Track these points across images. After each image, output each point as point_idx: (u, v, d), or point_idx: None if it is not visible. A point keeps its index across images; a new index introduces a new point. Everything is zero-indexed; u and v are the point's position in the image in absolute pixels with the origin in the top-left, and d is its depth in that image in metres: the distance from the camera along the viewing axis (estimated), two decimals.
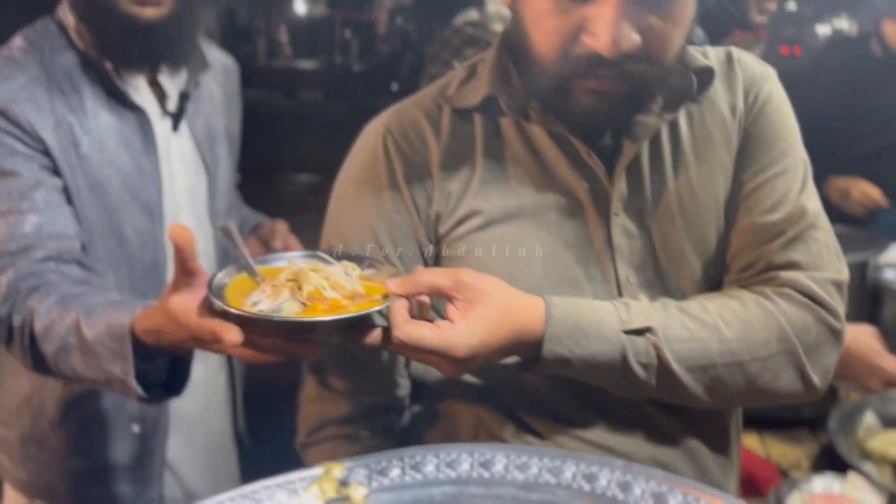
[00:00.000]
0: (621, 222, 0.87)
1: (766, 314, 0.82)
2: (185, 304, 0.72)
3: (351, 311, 0.71)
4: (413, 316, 0.75)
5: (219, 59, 1.26)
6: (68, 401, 1.07)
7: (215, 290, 0.71)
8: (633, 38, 0.72)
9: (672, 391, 0.82)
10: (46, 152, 0.98)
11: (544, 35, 0.77)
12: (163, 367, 0.88)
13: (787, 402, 0.90)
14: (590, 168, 0.86)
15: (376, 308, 0.72)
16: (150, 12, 0.96)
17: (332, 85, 15.71)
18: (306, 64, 16.92)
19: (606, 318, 0.80)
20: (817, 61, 3.03)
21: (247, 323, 0.69)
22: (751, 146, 0.90)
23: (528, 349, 0.79)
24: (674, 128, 0.88)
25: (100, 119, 1.02)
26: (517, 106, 0.86)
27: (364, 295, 0.74)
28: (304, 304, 0.71)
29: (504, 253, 0.86)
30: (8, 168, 0.95)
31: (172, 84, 1.11)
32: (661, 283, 0.89)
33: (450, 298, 0.77)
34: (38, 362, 0.91)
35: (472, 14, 1.73)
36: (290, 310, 0.69)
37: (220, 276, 0.74)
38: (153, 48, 1.02)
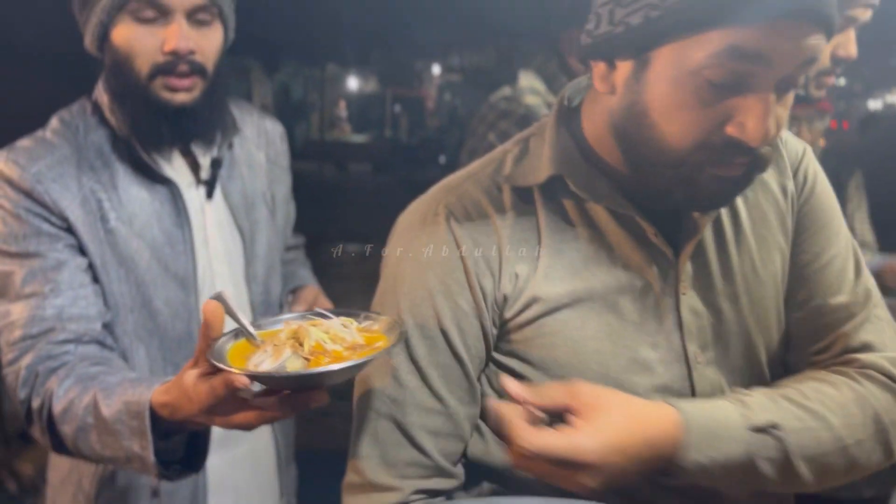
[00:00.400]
0: (689, 301, 0.85)
1: (858, 397, 0.82)
2: (199, 377, 0.72)
3: (355, 358, 0.68)
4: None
5: (260, 122, 1.26)
6: (102, 477, 1.06)
7: (216, 356, 0.70)
8: (774, 127, 0.72)
9: (787, 482, 0.80)
10: (71, 230, 0.98)
11: (680, 126, 0.73)
12: (181, 444, 0.87)
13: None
14: (657, 248, 0.84)
15: (378, 354, 0.69)
16: (181, 97, 0.98)
17: (381, 158, 16.11)
18: (357, 137, 17.42)
19: (730, 416, 0.77)
20: (872, 135, 2.98)
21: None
22: (806, 228, 0.90)
23: (662, 459, 0.74)
24: (732, 206, 0.87)
25: (130, 193, 1.02)
26: (587, 186, 0.82)
27: (364, 345, 0.72)
28: (306, 360, 0.69)
29: (572, 337, 0.82)
30: (32, 249, 0.95)
31: (205, 152, 1.12)
32: (727, 361, 0.86)
33: (570, 412, 0.73)
34: (58, 444, 0.90)
35: (506, 90, 1.78)
36: (294, 366, 0.68)
37: (220, 344, 0.72)
38: (185, 130, 1.03)
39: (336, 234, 8.14)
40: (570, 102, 0.89)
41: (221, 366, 0.68)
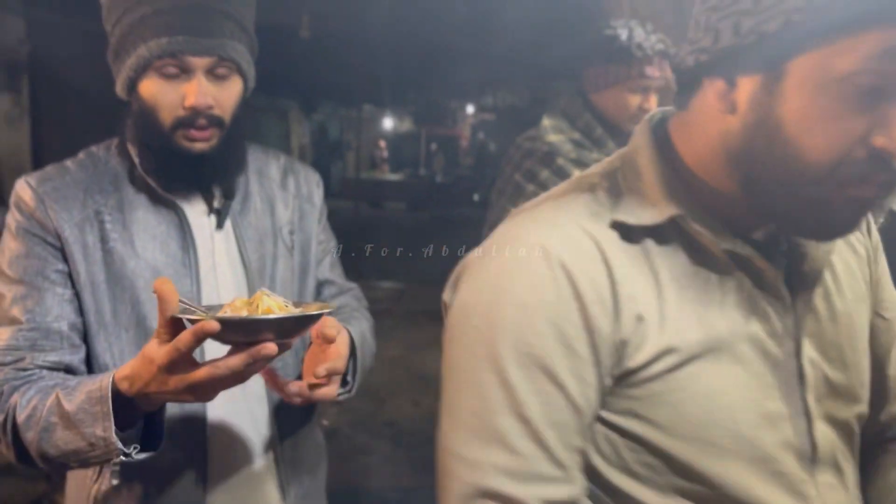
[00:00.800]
0: (808, 349, 0.78)
1: None
2: (160, 343, 0.82)
3: (304, 312, 0.86)
4: None
5: (289, 165, 1.29)
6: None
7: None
8: None
9: None
10: (64, 253, 1.02)
11: (822, 139, 0.66)
12: (137, 434, 0.94)
13: None
14: (775, 290, 0.77)
15: (319, 311, 0.85)
16: (200, 146, 1.04)
17: (416, 196, 16.26)
18: (393, 176, 17.62)
19: None
20: None
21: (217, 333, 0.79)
22: (881, 284, 0.88)
23: None
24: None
25: (136, 215, 1.07)
26: (707, 225, 0.75)
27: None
28: None
29: (704, 392, 0.73)
30: (22, 275, 1.00)
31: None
32: (837, 413, 0.81)
33: None
34: (21, 453, 0.95)
35: (531, 131, 1.82)
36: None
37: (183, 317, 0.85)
38: (203, 175, 1.09)
39: (371, 271, 8.20)
40: (654, 131, 0.84)
41: (192, 316, 0.81)
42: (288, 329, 0.84)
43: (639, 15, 3.21)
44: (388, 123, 21.62)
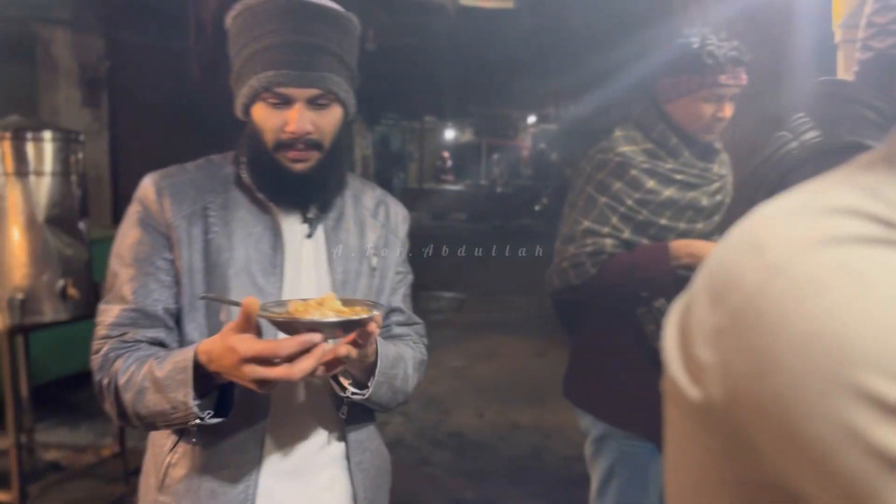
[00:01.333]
0: None
1: None
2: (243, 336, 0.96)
3: (346, 317, 0.99)
4: None
5: (382, 198, 1.38)
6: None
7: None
8: None
9: None
10: (171, 241, 1.16)
11: None
12: (212, 402, 1.09)
13: None
14: None
15: (359, 318, 0.99)
16: (300, 167, 1.16)
17: (476, 206, 16.28)
18: (453, 186, 17.67)
19: None
20: None
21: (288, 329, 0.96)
22: None
23: None
24: None
25: (237, 214, 1.20)
26: None
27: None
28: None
29: None
30: (134, 258, 1.16)
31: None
32: None
33: None
34: (121, 412, 1.11)
35: (603, 143, 1.81)
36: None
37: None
38: (303, 192, 1.21)
39: (432, 281, 8.25)
40: None
41: (267, 314, 0.97)
42: (332, 331, 0.98)
43: (711, 23, 3.16)
44: (449, 134, 21.74)
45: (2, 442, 2.99)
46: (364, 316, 1.00)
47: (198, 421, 1.05)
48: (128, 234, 1.18)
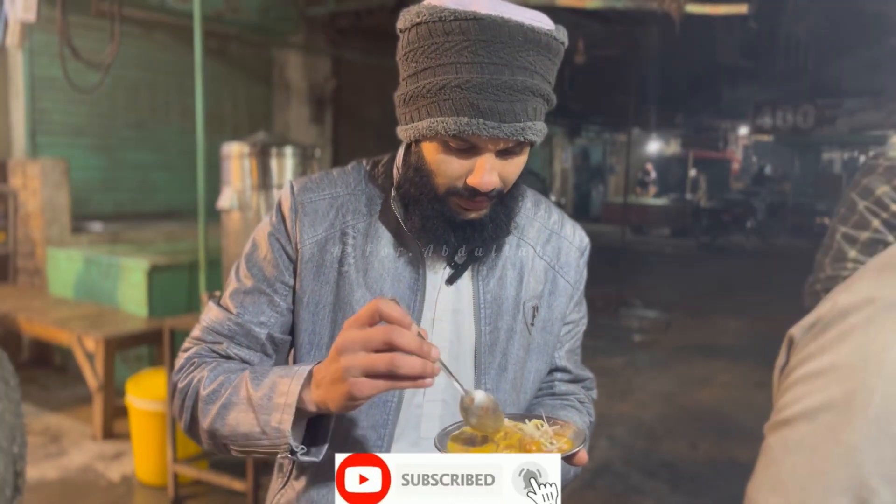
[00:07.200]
0: None
1: None
2: None
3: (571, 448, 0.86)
4: None
5: (554, 227, 1.17)
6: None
7: (439, 441, 0.86)
8: None
9: None
10: (296, 268, 1.04)
11: None
12: (303, 434, 0.93)
13: None
14: None
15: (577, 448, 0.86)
16: (472, 215, 0.98)
17: (681, 221, 15.54)
18: (656, 200, 17.03)
19: None
20: None
21: None
22: None
23: None
24: None
25: (377, 245, 1.04)
26: None
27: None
28: None
29: None
30: (251, 275, 1.05)
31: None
32: None
33: None
34: (191, 423, 0.99)
35: (875, 150, 1.68)
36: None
37: (447, 429, 0.90)
38: (466, 237, 1.01)
39: (635, 298, 7.93)
40: None
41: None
42: None
43: None
44: (653, 147, 21.02)
45: None
46: (567, 453, 0.85)
47: (288, 455, 0.89)
48: (259, 245, 1.07)
